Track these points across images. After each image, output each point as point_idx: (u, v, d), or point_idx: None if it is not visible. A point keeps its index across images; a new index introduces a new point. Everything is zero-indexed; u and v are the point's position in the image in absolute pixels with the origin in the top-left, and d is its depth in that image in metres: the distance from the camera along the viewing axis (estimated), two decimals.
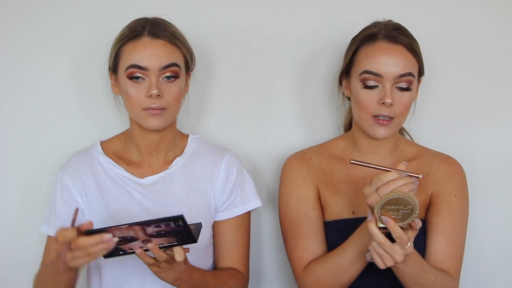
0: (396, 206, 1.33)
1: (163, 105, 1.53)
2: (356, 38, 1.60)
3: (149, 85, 1.52)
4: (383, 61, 1.51)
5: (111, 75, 1.61)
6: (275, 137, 1.85)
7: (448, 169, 1.64)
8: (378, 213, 1.34)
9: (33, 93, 1.76)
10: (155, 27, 1.55)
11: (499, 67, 1.87)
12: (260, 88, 1.84)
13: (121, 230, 1.31)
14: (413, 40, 1.56)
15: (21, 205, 1.79)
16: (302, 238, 1.60)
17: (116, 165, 1.62)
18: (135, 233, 1.32)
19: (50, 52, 1.76)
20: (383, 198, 1.33)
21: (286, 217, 1.65)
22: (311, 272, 1.57)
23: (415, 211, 1.33)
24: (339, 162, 1.67)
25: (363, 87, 1.54)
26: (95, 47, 1.73)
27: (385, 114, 1.52)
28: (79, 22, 1.76)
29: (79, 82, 1.77)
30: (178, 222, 1.30)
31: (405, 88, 1.53)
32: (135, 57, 1.52)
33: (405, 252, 1.36)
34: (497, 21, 1.86)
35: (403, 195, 1.32)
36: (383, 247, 1.36)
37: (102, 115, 1.78)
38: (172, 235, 1.33)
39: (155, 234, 1.32)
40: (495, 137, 1.88)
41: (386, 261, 1.38)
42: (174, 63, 1.54)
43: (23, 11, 1.74)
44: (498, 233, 1.90)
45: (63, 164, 1.65)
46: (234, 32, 1.81)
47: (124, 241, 1.33)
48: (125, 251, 1.35)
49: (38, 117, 1.77)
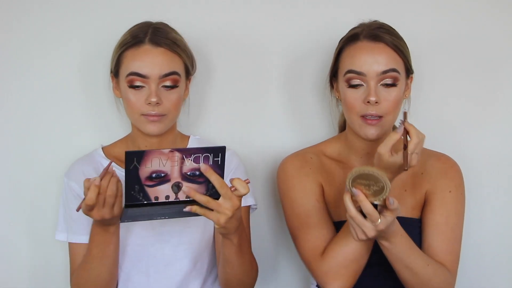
0: (367, 181, 1.34)
1: (162, 112, 1.54)
2: (341, 40, 1.62)
3: (148, 93, 1.53)
4: (364, 60, 1.53)
5: (112, 78, 1.63)
6: (269, 138, 1.86)
7: (442, 166, 1.65)
8: (349, 184, 1.35)
9: (36, 96, 1.77)
10: (156, 34, 1.57)
11: (495, 67, 1.88)
12: (254, 90, 1.85)
13: (161, 155, 1.29)
14: (397, 38, 1.56)
15: (25, 209, 1.78)
16: (313, 228, 1.59)
17: (119, 167, 1.63)
18: (171, 168, 1.30)
19: (53, 54, 1.76)
20: (354, 171, 1.34)
21: (292, 213, 1.63)
22: (334, 253, 1.53)
23: (386, 189, 1.33)
24: (337, 163, 1.67)
25: (348, 87, 1.55)
26: (99, 50, 1.74)
27: (373, 113, 1.52)
28: (82, 26, 1.77)
29: (83, 85, 1.78)
30: (218, 156, 1.30)
31: (391, 84, 1.53)
32: (135, 64, 1.54)
33: (376, 229, 1.37)
34: (493, 22, 1.87)
35: (373, 171, 1.33)
36: (355, 221, 1.38)
37: (105, 118, 1.79)
38: (204, 182, 1.32)
39: (189, 174, 1.31)
40: (492, 137, 1.89)
41: (359, 234, 1.40)
42: (174, 72, 1.56)
43: (26, 14, 1.75)
44: (495, 232, 1.89)
45: (68, 170, 1.65)
46: (228, 35, 1.82)
47: (155, 180, 1.31)
48: (149, 200, 1.31)
49: (40, 120, 1.78)
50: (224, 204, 1.33)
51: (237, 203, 1.34)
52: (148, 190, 1.31)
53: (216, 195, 1.33)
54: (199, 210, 1.34)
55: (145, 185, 1.31)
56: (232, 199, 1.33)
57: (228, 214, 1.33)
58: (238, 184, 1.34)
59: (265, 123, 1.86)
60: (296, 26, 1.84)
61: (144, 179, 1.31)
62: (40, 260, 1.79)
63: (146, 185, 1.31)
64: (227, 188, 1.33)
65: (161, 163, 1.29)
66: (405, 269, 1.49)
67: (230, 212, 1.33)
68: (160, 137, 1.62)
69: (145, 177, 1.30)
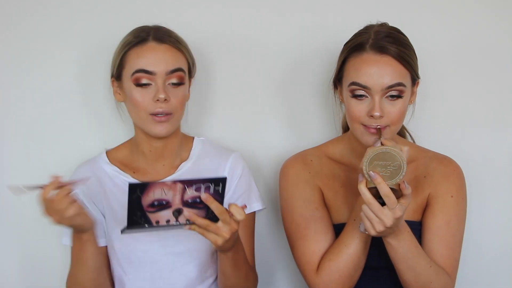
0: (384, 161, 1.35)
1: (169, 110, 1.53)
2: (346, 45, 1.58)
3: (156, 90, 1.52)
4: (370, 74, 1.48)
5: (113, 82, 1.61)
6: (269, 141, 1.87)
7: (445, 170, 1.64)
8: (366, 168, 1.35)
9: (36, 100, 1.77)
10: (159, 32, 1.57)
11: (499, 68, 1.86)
12: (254, 92, 1.85)
13: (164, 186, 1.32)
14: (404, 47, 1.51)
15: (28, 213, 1.76)
16: (311, 241, 1.59)
17: (122, 173, 1.63)
18: (173, 197, 1.33)
19: (54, 59, 1.76)
20: (370, 152, 1.35)
21: (291, 221, 1.63)
22: (328, 270, 1.54)
23: (403, 168, 1.34)
24: (339, 165, 1.67)
25: (352, 96, 1.52)
26: (99, 54, 1.74)
27: (376, 127, 1.50)
28: (81, 29, 1.76)
29: (84, 90, 1.78)
30: (219, 185, 1.33)
31: (397, 96, 1.50)
32: (141, 61, 1.53)
33: (394, 215, 1.37)
34: (497, 23, 1.85)
35: (390, 149, 1.34)
36: (372, 208, 1.38)
37: (107, 122, 1.79)
38: (203, 207, 1.34)
39: (190, 201, 1.34)
40: (495, 139, 1.89)
41: (376, 225, 1.39)
42: (179, 68, 1.56)
43: (26, 17, 1.75)
44: (496, 234, 1.90)
45: (72, 175, 1.64)
46: (229, 37, 1.82)
47: (156, 208, 1.34)
48: (150, 224, 1.35)
49: (42, 124, 1.78)
50: (223, 228, 1.37)
51: (235, 227, 1.38)
52: (150, 215, 1.35)
53: (215, 218, 1.36)
54: (197, 230, 1.38)
55: (147, 211, 1.34)
56: (231, 224, 1.37)
57: (226, 237, 1.37)
58: (235, 211, 1.37)
59: (265, 125, 1.87)
60: (296, 28, 1.83)
61: (146, 206, 1.34)
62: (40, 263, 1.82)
63: (148, 211, 1.34)
64: (226, 214, 1.36)
65: (163, 193, 1.33)
66: (409, 270, 1.50)
67: (228, 235, 1.37)
68: (165, 141, 1.61)
69: (147, 205, 1.34)
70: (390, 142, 1.41)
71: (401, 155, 1.34)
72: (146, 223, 1.35)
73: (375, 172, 1.36)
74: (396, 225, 1.41)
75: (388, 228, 1.39)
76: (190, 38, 1.65)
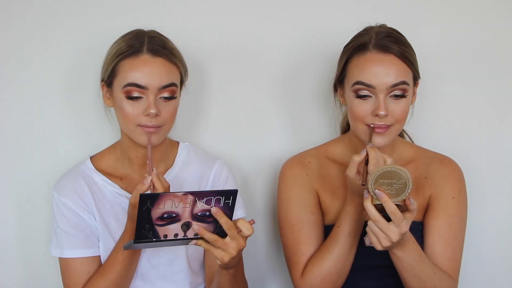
0: (389, 180, 1.35)
1: (159, 123, 1.50)
2: (347, 46, 1.57)
3: (147, 104, 1.48)
4: (375, 72, 1.48)
5: (103, 86, 1.56)
6: (267, 144, 1.86)
7: (446, 171, 1.64)
8: (372, 187, 1.36)
9: (22, 103, 1.73)
10: (153, 43, 1.51)
11: (499, 68, 1.87)
12: (251, 96, 1.84)
13: (175, 197, 1.30)
14: (405, 47, 1.52)
15: (13, 220, 1.75)
16: (303, 243, 1.60)
17: (111, 183, 1.59)
18: (183, 209, 1.31)
19: (41, 62, 1.72)
20: (375, 171, 1.35)
21: (286, 221, 1.64)
22: (311, 275, 1.56)
23: (409, 185, 1.35)
24: (338, 166, 1.66)
25: (356, 97, 1.51)
26: (87, 58, 1.71)
27: (381, 125, 1.50)
28: (71, 31, 1.73)
29: (70, 93, 1.74)
30: (229, 199, 1.32)
31: (400, 95, 1.50)
32: (134, 75, 1.48)
33: (400, 231, 1.37)
34: (497, 23, 1.86)
35: (395, 168, 1.34)
36: (378, 225, 1.37)
37: (93, 126, 1.75)
38: (212, 221, 1.33)
39: (199, 215, 1.32)
40: (495, 139, 1.90)
41: (382, 241, 1.39)
42: (172, 83, 1.51)
43: (13, 20, 1.71)
44: (497, 235, 1.92)
45: (57, 184, 1.59)
46: (226, 41, 1.80)
47: (166, 221, 1.32)
48: (158, 238, 1.32)
49: (27, 128, 1.74)
50: (231, 244, 1.36)
51: (242, 244, 1.37)
52: (158, 229, 1.32)
53: (223, 233, 1.35)
54: (204, 245, 1.36)
55: (156, 224, 1.31)
56: (238, 240, 1.36)
57: (233, 253, 1.36)
58: (243, 226, 1.36)
59: (262, 129, 1.86)
60: (293, 32, 1.82)
61: (155, 219, 1.31)
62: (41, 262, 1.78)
63: (156, 224, 1.31)
64: (234, 230, 1.35)
65: (173, 205, 1.31)
66: (414, 278, 1.50)
67: (235, 252, 1.36)
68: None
69: (157, 217, 1.31)
70: (375, 150, 1.42)
71: (406, 173, 1.34)
72: (154, 237, 1.32)
73: (381, 190, 1.35)
74: (402, 239, 1.41)
75: (394, 243, 1.39)
76: (188, 43, 1.64)
